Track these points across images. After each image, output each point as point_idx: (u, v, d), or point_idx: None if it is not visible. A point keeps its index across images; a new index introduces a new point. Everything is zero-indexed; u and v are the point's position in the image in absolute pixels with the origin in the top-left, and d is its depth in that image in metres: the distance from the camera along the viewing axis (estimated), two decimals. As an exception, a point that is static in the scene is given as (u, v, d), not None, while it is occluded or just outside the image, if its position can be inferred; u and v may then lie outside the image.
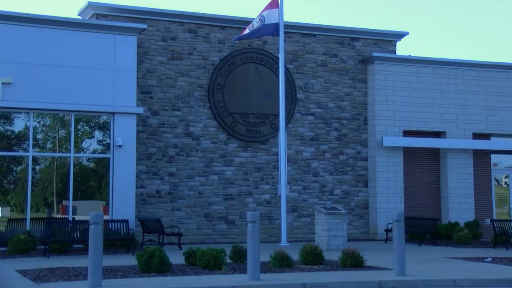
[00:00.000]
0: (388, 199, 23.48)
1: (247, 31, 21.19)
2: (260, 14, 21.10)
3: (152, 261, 12.91)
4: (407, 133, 24.20)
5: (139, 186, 21.14)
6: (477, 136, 24.89)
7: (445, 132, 24.51)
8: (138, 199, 20.98)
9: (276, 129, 22.28)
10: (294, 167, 23.16)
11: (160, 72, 22.05)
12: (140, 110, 20.46)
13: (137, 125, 20.62)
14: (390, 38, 24.98)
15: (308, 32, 23.92)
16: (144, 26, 20.87)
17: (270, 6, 21.22)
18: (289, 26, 22.83)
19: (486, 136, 25.13)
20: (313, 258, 14.49)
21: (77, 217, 19.14)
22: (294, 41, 23.70)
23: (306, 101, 23.73)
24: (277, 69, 22.10)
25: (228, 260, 14.33)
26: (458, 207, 24.08)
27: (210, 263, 13.44)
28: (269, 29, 21.25)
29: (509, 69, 25.43)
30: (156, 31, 22.10)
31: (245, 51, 23.06)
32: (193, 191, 21.99)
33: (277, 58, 21.88)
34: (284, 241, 20.04)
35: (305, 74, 23.81)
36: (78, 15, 21.99)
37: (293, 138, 23.26)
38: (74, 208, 19.54)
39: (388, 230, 21.27)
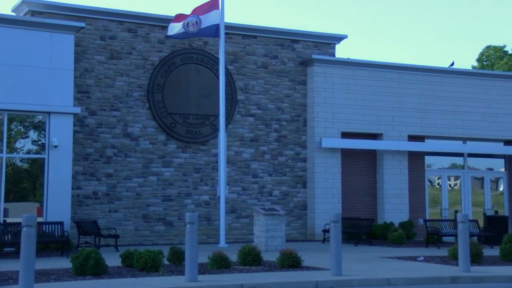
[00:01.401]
0: (326, 200, 23.82)
1: (180, 27, 21.00)
2: (197, 15, 20.99)
3: (88, 264, 12.68)
4: (345, 135, 24.60)
5: (75, 187, 20.74)
6: (412, 138, 25.54)
7: (381, 134, 25.03)
8: (74, 200, 20.58)
9: (216, 130, 22.27)
10: (233, 168, 23.20)
11: (99, 72, 21.69)
12: (77, 110, 20.07)
13: (74, 125, 20.22)
14: (329, 41, 25.34)
15: (248, 33, 24.01)
16: (82, 24, 20.49)
17: (210, 7, 21.18)
18: (229, 27, 22.86)
19: (420, 138, 25.81)
20: (252, 259, 14.55)
21: (9, 220, 18.58)
22: (235, 42, 23.74)
23: (246, 102, 23.81)
24: (217, 70, 22.09)
25: (166, 262, 14.22)
26: (393, 207, 24.66)
27: (148, 265, 13.31)
28: (210, 31, 21.23)
29: (442, 73, 26.19)
30: (95, 29, 21.74)
31: (185, 52, 22.95)
32: (131, 192, 21.73)
33: (218, 59, 21.87)
34: (222, 242, 20.05)
35: (245, 76, 23.89)
36: (12, 11, 21.38)
37: (233, 139, 23.30)
38: (6, 210, 18.99)
39: (326, 231, 21.57)
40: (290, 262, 14.26)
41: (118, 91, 21.93)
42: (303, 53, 24.76)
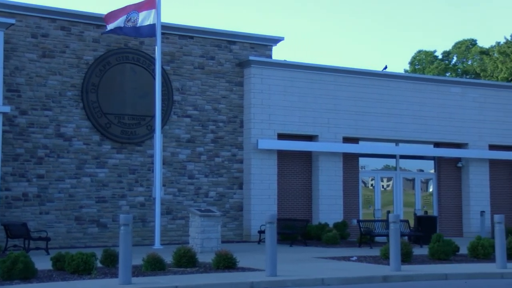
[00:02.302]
0: (262, 201, 23.93)
1: (117, 23, 20.70)
2: (132, 13, 20.71)
3: (16, 268, 12.29)
4: (281, 136, 24.77)
5: (4, 188, 20.11)
6: (347, 140, 25.97)
7: (317, 135, 25.34)
8: (3, 202, 19.95)
9: (152, 130, 22.03)
10: (169, 169, 23.00)
11: (30, 70, 21.09)
12: (7, 109, 19.43)
13: (3, 125, 19.57)
14: (266, 43, 25.48)
15: (185, 34, 23.87)
16: (12, 21, 19.85)
17: (147, 6, 20.95)
18: (166, 27, 22.67)
19: (355, 140, 26.28)
20: (187, 261, 14.46)
21: None
22: (172, 43, 23.56)
23: (183, 103, 23.66)
24: (153, 70, 21.86)
25: (99, 265, 13.96)
26: (328, 208, 25.00)
27: (80, 268, 13.02)
28: (146, 31, 21.00)
29: (376, 76, 26.75)
30: (26, 27, 21.13)
31: (121, 51, 22.61)
32: (63, 193, 21.22)
33: (154, 59, 21.66)
34: (157, 244, 19.85)
35: (182, 76, 23.73)
36: None
37: (169, 140, 23.10)
38: None
39: (261, 232, 21.67)
40: (226, 263, 14.25)
41: (51, 90, 21.39)
42: (240, 54, 24.81)
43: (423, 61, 64.85)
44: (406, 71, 63.62)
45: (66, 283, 12.15)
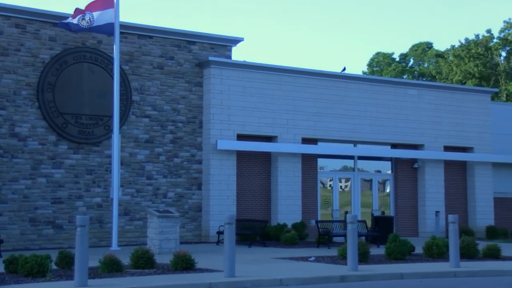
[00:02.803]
0: (221, 202, 23.89)
1: (73, 21, 20.40)
2: (91, 11, 20.45)
3: (-33, 271, 11.98)
4: (241, 137, 24.78)
5: (-43, 189, 19.59)
6: (305, 141, 26.12)
7: (276, 136, 25.43)
8: (-45, 203, 19.43)
9: (110, 130, 21.78)
10: (127, 170, 22.77)
11: (-17, 68, 20.61)
12: (-41, 107, 18.95)
13: (-44, 124, 19.09)
14: (226, 43, 25.46)
15: (144, 33, 23.67)
16: (-35, 17, 19.39)
17: (105, 5, 20.70)
18: (125, 26, 22.45)
19: (314, 141, 26.46)
20: (144, 262, 14.34)
21: None
22: (130, 42, 23.33)
23: (142, 103, 23.46)
24: (112, 70, 21.61)
25: (54, 267, 13.73)
26: (287, 209, 25.11)
27: (34, 271, 12.78)
28: (104, 29, 20.76)
29: (335, 78, 26.99)
30: (-21, 23, 20.64)
31: (78, 50, 22.29)
32: (17, 194, 20.80)
33: (112, 58, 21.42)
34: (115, 245, 19.63)
35: (141, 76, 23.52)
36: None
37: (127, 140, 22.87)
38: None
39: (220, 232, 21.64)
40: (184, 264, 14.18)
41: (5, 89, 20.95)
42: (199, 54, 24.72)
43: (381, 63, 65.79)
44: (364, 73, 64.45)
45: (19, 286, 11.91)
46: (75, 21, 20.48)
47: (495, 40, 54.86)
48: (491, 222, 28.97)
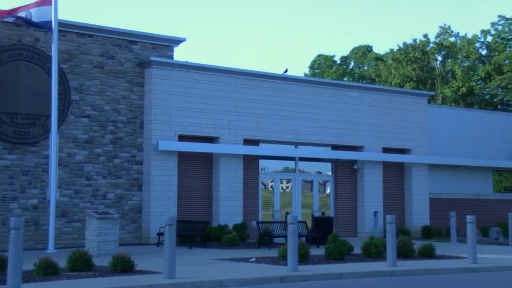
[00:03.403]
0: (162, 203, 23.68)
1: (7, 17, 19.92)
2: (28, 9, 19.96)
3: None
4: (182, 138, 24.63)
5: None
6: (247, 142, 26.18)
7: (218, 137, 25.39)
8: None
9: (48, 130, 21.28)
10: (65, 171, 22.30)
11: None
12: None
13: None
14: (168, 44, 25.26)
15: (84, 32, 23.24)
16: None
17: (42, 2, 20.20)
18: (63, 24, 21.99)
19: (255, 142, 26.55)
20: (82, 265, 14.08)
21: None
22: (69, 41, 22.86)
23: (81, 102, 23.01)
24: (50, 69, 21.12)
25: (-13, 271, 13.29)
26: (228, 210, 25.11)
27: (-35, 275, 12.34)
28: (42, 26, 20.27)
29: (277, 79, 27.16)
30: None
31: (14, 48, 21.68)
32: (-51, 196, 20.06)
33: (50, 57, 20.94)
34: (51, 248, 19.19)
35: (80, 75, 23.08)
36: None
37: (65, 141, 22.39)
38: None
39: (161, 234, 21.44)
40: (123, 266, 13.99)
41: None
42: (141, 54, 24.45)
43: (323, 66, 66.67)
44: (306, 74, 65.16)
45: (-51, 291, 11.50)
46: (10, 19, 19.96)
47: (431, 45, 56.44)
48: (427, 222, 29.76)
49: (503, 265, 17.16)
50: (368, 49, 66.32)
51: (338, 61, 67.14)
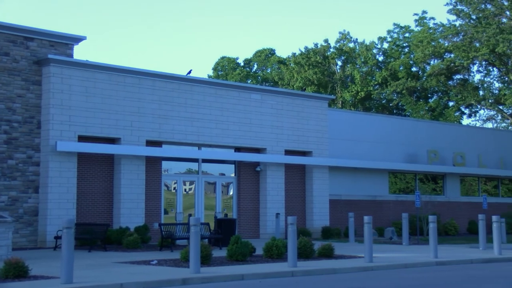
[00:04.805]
0: (60, 206, 22.91)
1: None
2: None
3: None
4: (82, 139, 23.94)
5: None
6: (150, 143, 25.82)
7: (120, 138, 24.88)
8: None
9: None
10: (-45, 172, 21.09)
11: None
12: None
13: None
14: (67, 41, 24.47)
15: (-24, 26, 22.11)
16: None
17: None
18: (-47, 17, 20.80)
19: (158, 144, 26.23)
20: (-31, 272, 13.34)
21: None
22: (-40, 34, 21.67)
23: (-28, 100, 21.86)
24: None
25: None
26: (130, 212, 24.65)
27: None
28: None
29: (180, 80, 26.96)
30: None
31: None
32: None
33: None
34: None
35: (-29, 71, 21.92)
36: None
37: (-45, 140, 21.18)
38: None
39: (58, 237, 20.72)
40: (16, 272, 13.40)
41: None
42: (38, 52, 23.55)
43: (226, 68, 66.97)
44: (210, 76, 65.21)
45: None
46: None
47: (331, 50, 58.08)
48: (327, 223, 30.53)
49: (396, 263, 17.89)
50: (271, 52, 67.30)
51: (242, 64, 67.68)
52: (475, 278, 15.18)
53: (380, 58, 59.16)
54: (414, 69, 57.41)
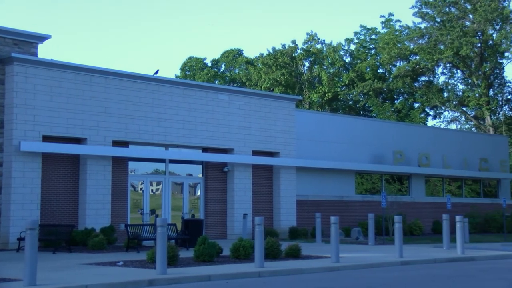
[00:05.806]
0: (24, 207, 22.55)
1: None
2: None
3: None
4: (47, 139, 23.60)
5: None
6: (117, 143, 25.58)
7: (86, 138, 24.59)
8: None
9: None
10: None
11: None
12: None
13: None
14: (31, 40, 24.11)
15: None
16: None
17: None
18: None
19: (125, 144, 25.99)
20: None
21: None
22: None
23: None
24: None
25: None
26: (96, 213, 24.39)
27: None
28: None
29: (147, 80, 26.76)
30: None
31: None
32: None
33: None
34: None
35: None
36: None
37: None
38: None
39: (21, 239, 20.40)
40: (-23, 275, 13.14)
41: None
42: (1, 50, 23.15)
43: (194, 68, 66.75)
44: (177, 76, 64.91)
45: None
46: None
47: (299, 51, 58.36)
48: (294, 223, 30.64)
49: (362, 263, 18.07)
50: (238, 52, 67.32)
51: (209, 64, 67.55)
52: (438, 277, 15.43)
53: (347, 60, 59.67)
54: (380, 70, 58.08)
